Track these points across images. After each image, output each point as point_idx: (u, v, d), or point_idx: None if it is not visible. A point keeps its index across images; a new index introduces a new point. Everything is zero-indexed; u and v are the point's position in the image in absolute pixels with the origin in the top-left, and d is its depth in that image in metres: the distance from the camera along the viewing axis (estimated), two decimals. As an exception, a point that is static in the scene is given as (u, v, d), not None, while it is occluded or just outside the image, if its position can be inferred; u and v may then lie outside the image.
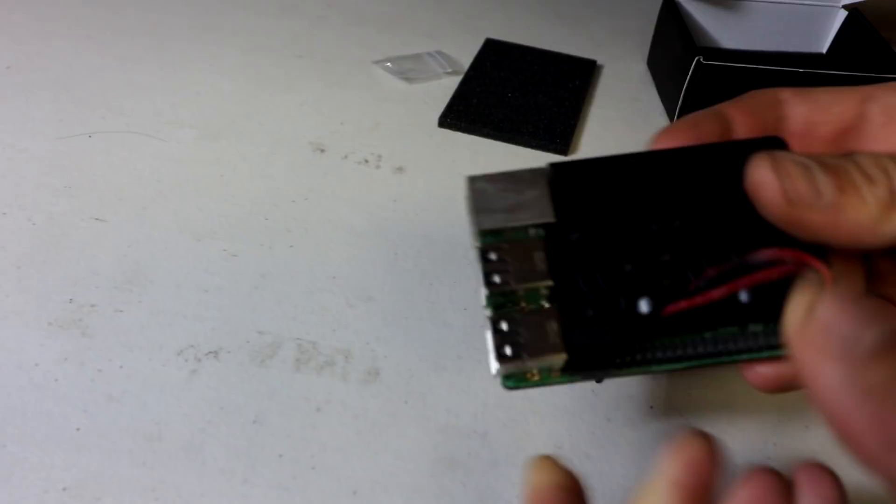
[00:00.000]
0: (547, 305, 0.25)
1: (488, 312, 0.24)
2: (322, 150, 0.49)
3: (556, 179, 0.26)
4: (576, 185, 0.26)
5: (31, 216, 0.43)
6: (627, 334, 0.24)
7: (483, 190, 0.26)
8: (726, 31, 0.61)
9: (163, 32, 0.60)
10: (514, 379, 0.25)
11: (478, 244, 0.25)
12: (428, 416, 0.34)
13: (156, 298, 0.39)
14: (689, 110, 0.53)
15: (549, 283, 0.25)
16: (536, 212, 0.25)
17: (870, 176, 0.21)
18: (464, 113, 0.54)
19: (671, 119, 0.55)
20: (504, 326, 0.24)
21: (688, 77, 0.51)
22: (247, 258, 0.42)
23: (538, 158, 0.51)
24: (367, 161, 0.49)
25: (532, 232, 0.25)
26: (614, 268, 0.24)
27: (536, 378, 0.25)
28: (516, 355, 0.24)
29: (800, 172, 0.22)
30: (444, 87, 0.57)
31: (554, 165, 0.26)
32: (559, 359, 0.24)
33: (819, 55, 0.61)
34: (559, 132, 0.52)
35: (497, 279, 0.25)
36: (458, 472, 0.32)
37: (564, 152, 0.51)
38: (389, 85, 0.57)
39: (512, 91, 0.57)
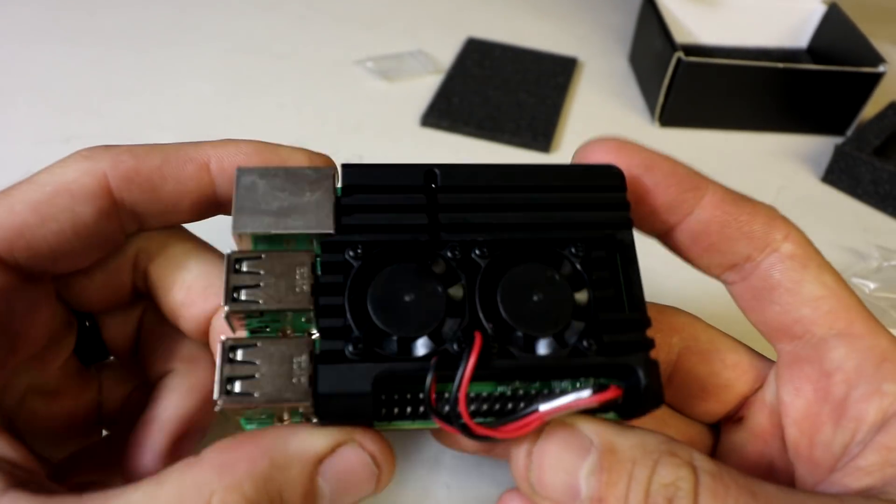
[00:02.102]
0: (305, 335, 0.21)
1: (224, 335, 0.20)
2: (303, 152, 0.49)
3: (344, 185, 0.22)
4: (366, 193, 0.22)
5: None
6: (392, 384, 0.20)
7: (252, 185, 0.22)
8: (707, 27, 0.61)
9: (141, 34, 0.60)
10: (255, 422, 0.21)
11: (231, 251, 0.21)
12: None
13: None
14: (671, 106, 0.53)
15: (309, 308, 0.20)
16: (312, 220, 0.21)
17: None
18: (446, 112, 0.54)
19: (652, 115, 0.55)
20: (239, 355, 0.20)
21: (668, 73, 0.51)
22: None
23: (521, 157, 0.51)
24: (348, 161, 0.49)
25: (302, 243, 0.22)
26: (392, 298, 0.21)
27: (288, 421, 0.21)
28: (245, 394, 0.19)
29: (567, 472, 0.20)
30: (426, 87, 0.57)
31: (344, 167, 0.22)
32: (302, 406, 0.20)
33: (800, 50, 0.61)
34: (541, 130, 0.52)
35: (243, 296, 0.20)
36: (441, 474, 0.32)
37: (546, 150, 0.51)
38: (371, 85, 0.57)
39: (494, 89, 0.57)
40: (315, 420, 0.20)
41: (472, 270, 0.21)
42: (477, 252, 0.21)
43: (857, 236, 0.47)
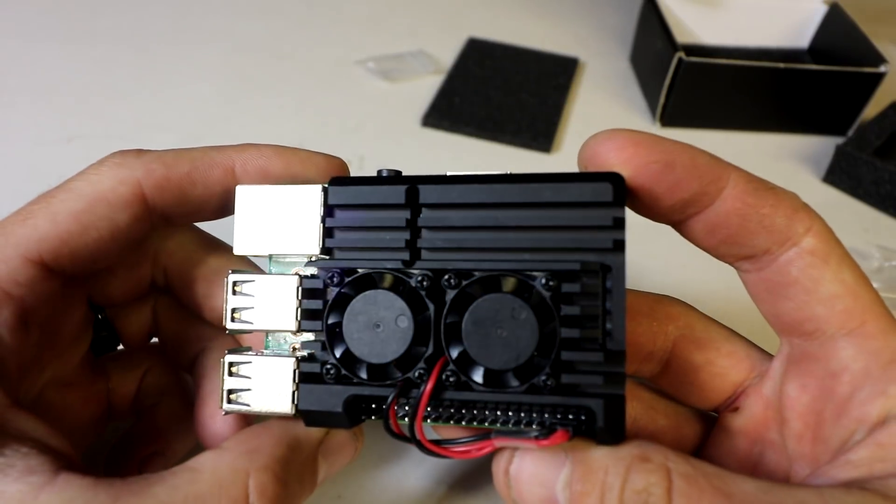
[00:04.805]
0: (294, 353, 0.24)
1: (226, 350, 0.24)
2: (304, 152, 0.49)
3: (331, 200, 0.23)
4: (351, 211, 0.23)
5: (9, 223, 0.42)
6: (364, 406, 0.23)
7: (250, 205, 0.23)
8: (708, 27, 0.61)
9: (141, 36, 0.60)
10: None
11: (231, 272, 0.24)
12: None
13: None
14: (672, 107, 0.53)
15: (293, 330, 0.23)
16: (300, 241, 0.23)
17: None
18: (447, 112, 0.54)
19: (654, 115, 0.55)
20: (240, 370, 0.23)
21: (669, 74, 0.51)
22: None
23: (522, 157, 0.51)
24: (349, 162, 0.48)
25: (291, 264, 0.24)
26: (365, 325, 0.22)
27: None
28: (243, 403, 0.23)
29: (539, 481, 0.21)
30: (427, 87, 0.57)
31: (331, 183, 0.23)
32: (287, 415, 0.23)
33: (801, 50, 0.61)
34: (542, 130, 0.52)
35: (241, 316, 0.23)
36: (444, 473, 0.32)
37: (547, 150, 0.51)
38: (372, 85, 0.57)
39: (495, 90, 0.57)
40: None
41: (441, 298, 0.22)
42: (447, 280, 0.22)
43: (858, 237, 0.47)
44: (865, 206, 0.49)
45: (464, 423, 0.22)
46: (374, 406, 0.23)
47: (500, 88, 0.57)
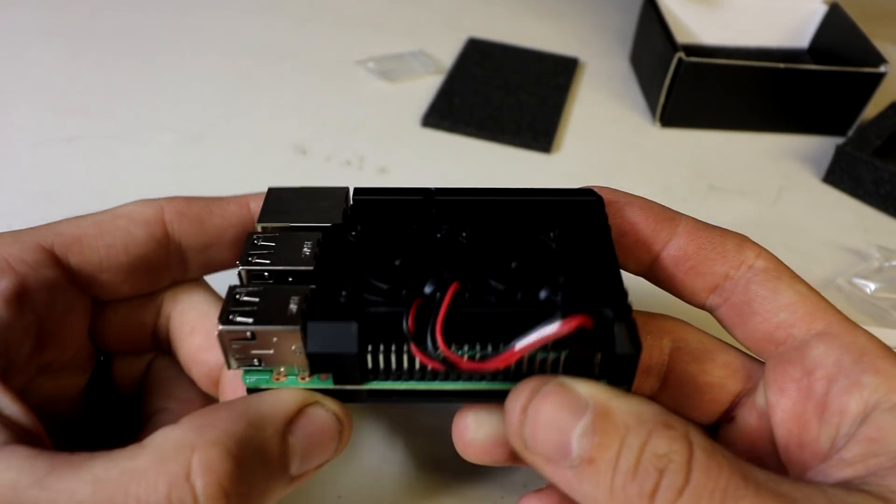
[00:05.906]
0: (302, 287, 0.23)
1: (237, 282, 0.23)
2: (304, 152, 0.49)
3: (354, 200, 0.26)
4: (372, 208, 0.26)
5: (9, 224, 0.42)
6: (377, 328, 0.22)
7: (279, 198, 0.26)
8: (708, 28, 0.61)
9: (141, 35, 0.60)
10: (255, 375, 0.23)
11: (251, 232, 0.25)
12: (413, 417, 0.34)
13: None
14: (672, 107, 0.53)
15: (310, 267, 0.23)
16: (323, 216, 0.25)
17: (633, 467, 0.19)
18: (447, 112, 0.54)
19: (653, 115, 0.55)
20: (244, 297, 0.22)
21: (669, 74, 0.51)
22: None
23: (522, 157, 0.51)
24: (349, 162, 0.49)
25: (311, 227, 0.25)
26: (384, 260, 0.24)
27: (283, 379, 0.23)
28: (242, 322, 0.22)
29: (563, 420, 0.20)
30: (427, 87, 0.57)
31: (357, 190, 0.26)
32: (289, 332, 0.21)
33: (801, 50, 0.61)
34: (542, 130, 0.52)
35: (256, 259, 0.24)
36: (445, 474, 0.32)
37: (547, 150, 0.51)
38: (372, 85, 0.57)
39: (495, 90, 0.57)
40: (307, 375, 0.23)
41: (457, 247, 0.24)
42: (463, 234, 0.24)
43: (858, 237, 0.47)
44: (865, 206, 0.49)
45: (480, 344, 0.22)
46: (390, 337, 0.22)
47: (500, 88, 0.57)
